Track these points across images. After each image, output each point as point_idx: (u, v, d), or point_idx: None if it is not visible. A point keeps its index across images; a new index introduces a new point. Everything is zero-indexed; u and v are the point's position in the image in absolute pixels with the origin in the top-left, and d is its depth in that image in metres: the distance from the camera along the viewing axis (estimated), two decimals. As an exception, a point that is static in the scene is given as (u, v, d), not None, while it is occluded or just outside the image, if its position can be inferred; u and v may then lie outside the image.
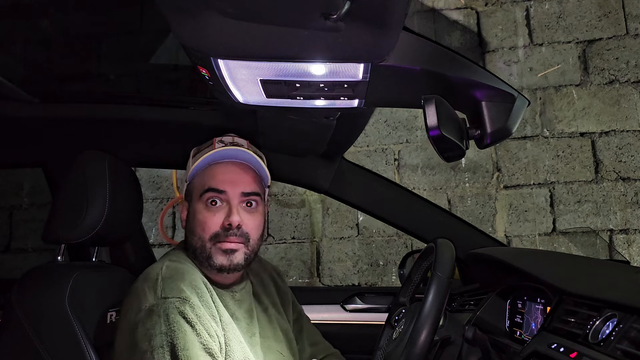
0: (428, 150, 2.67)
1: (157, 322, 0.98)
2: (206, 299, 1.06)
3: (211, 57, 0.85)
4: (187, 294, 1.03)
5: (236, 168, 1.19)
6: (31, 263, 2.51)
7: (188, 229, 1.20)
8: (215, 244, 1.14)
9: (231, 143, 1.22)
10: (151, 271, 1.09)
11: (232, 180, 1.17)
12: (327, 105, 1.08)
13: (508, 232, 2.59)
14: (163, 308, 0.99)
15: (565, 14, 2.67)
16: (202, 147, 1.23)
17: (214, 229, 1.14)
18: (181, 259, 1.15)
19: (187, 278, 1.06)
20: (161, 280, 1.04)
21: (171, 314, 0.99)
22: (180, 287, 1.03)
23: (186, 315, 0.99)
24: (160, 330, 0.97)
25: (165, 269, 1.07)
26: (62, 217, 1.19)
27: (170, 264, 1.10)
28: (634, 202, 2.50)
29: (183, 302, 1.01)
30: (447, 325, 1.12)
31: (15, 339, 1.09)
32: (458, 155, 0.96)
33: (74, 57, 2.49)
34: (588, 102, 2.60)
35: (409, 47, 0.89)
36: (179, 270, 1.08)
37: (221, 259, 1.14)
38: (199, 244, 1.15)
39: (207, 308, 1.05)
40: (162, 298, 1.01)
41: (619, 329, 0.80)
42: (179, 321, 0.98)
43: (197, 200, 1.17)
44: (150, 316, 0.99)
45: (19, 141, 1.54)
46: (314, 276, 2.70)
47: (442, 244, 1.11)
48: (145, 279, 1.07)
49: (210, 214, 1.15)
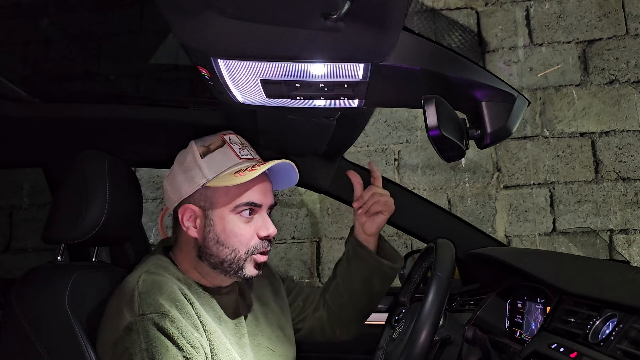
0: (428, 150, 2.67)
1: (137, 340, 0.95)
2: (187, 311, 1.02)
3: (211, 57, 0.85)
4: (166, 307, 0.99)
5: (264, 179, 1.17)
6: (31, 263, 2.51)
7: (211, 239, 1.12)
8: (251, 255, 1.13)
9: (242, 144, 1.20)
10: (127, 286, 1.04)
11: (264, 193, 1.16)
12: (327, 105, 1.08)
13: (508, 232, 2.59)
14: (141, 325, 0.96)
15: (565, 14, 2.67)
16: (212, 147, 1.15)
17: (252, 241, 1.13)
18: (160, 269, 1.10)
19: (165, 291, 1.02)
20: (137, 295, 1.00)
21: (150, 331, 0.95)
22: (159, 301, 0.99)
23: (166, 330, 0.96)
24: (140, 348, 0.94)
25: (141, 283, 1.03)
26: (61, 217, 1.19)
27: (146, 277, 1.05)
28: (634, 202, 2.50)
29: (162, 317, 0.97)
30: (447, 325, 1.12)
31: (15, 339, 1.09)
32: (458, 155, 0.96)
33: (74, 57, 2.49)
34: (588, 102, 2.60)
35: (409, 47, 0.89)
36: (156, 283, 1.04)
37: (252, 271, 1.13)
38: (232, 256, 1.11)
39: (188, 319, 1.01)
40: (140, 315, 0.97)
41: (619, 329, 0.80)
42: (159, 337, 0.95)
43: (228, 211, 1.12)
44: (129, 334, 0.96)
45: (19, 141, 1.54)
46: (314, 276, 2.70)
47: (442, 244, 1.11)
48: (121, 295, 1.03)
49: (246, 225, 1.12)
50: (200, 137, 1.22)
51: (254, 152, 1.21)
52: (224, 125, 1.33)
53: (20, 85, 1.32)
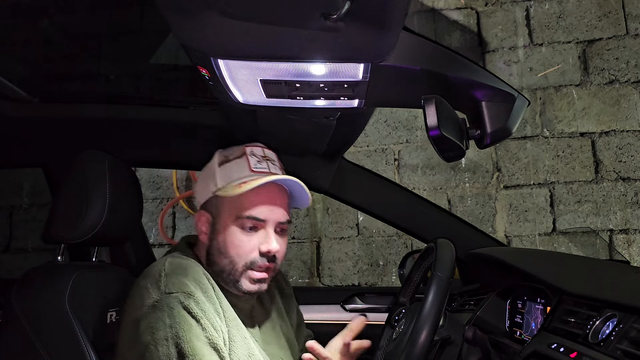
0: (428, 150, 2.67)
1: (161, 317, 0.97)
2: (210, 294, 1.05)
3: (211, 57, 0.85)
4: (191, 288, 1.01)
5: (274, 195, 1.15)
6: (31, 263, 2.51)
7: (216, 246, 1.15)
8: (247, 270, 1.12)
9: (264, 157, 1.19)
10: (153, 268, 1.07)
11: (271, 208, 1.14)
12: (327, 105, 1.08)
13: (508, 232, 2.59)
14: (167, 303, 0.98)
15: (565, 14, 2.67)
16: (231, 157, 1.18)
17: (251, 254, 1.12)
18: (184, 256, 1.13)
19: (190, 273, 1.05)
20: (164, 276, 1.02)
21: (175, 308, 0.98)
22: (184, 282, 1.02)
23: (191, 309, 0.98)
24: (164, 324, 0.96)
25: (167, 264, 1.06)
26: (62, 217, 1.19)
27: (172, 260, 1.08)
28: (634, 202, 2.50)
29: (187, 296, 1.00)
30: (447, 325, 1.12)
31: (15, 339, 1.09)
32: (458, 155, 0.96)
33: (74, 57, 2.49)
34: (588, 102, 2.60)
35: (409, 47, 0.89)
36: (182, 265, 1.07)
37: (250, 287, 1.13)
38: (229, 267, 1.12)
39: (211, 303, 1.04)
40: (166, 294, 0.99)
41: (619, 329, 0.80)
42: (184, 315, 0.97)
43: (230, 220, 1.13)
44: (153, 311, 0.98)
45: (19, 141, 1.54)
46: (314, 276, 2.70)
47: (442, 244, 1.11)
48: (147, 276, 1.05)
49: (246, 238, 1.12)
50: (200, 137, 1.22)
51: (274, 167, 1.20)
52: (224, 125, 1.33)
53: (20, 85, 1.32)
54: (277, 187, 1.17)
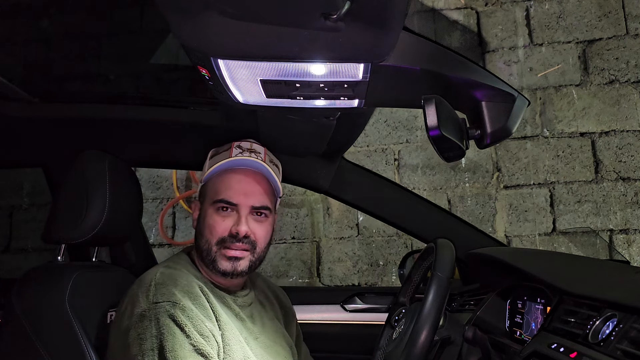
0: (428, 150, 2.67)
1: (149, 327, 1.00)
2: (200, 302, 1.07)
3: (211, 57, 0.85)
4: (178, 297, 1.04)
5: (250, 179, 1.19)
6: (31, 263, 2.51)
7: (198, 230, 1.21)
8: (220, 249, 1.16)
9: (249, 149, 1.21)
10: (146, 277, 1.10)
11: (244, 193, 1.18)
12: (327, 105, 1.08)
13: (508, 232, 2.59)
14: (154, 312, 1.01)
15: (565, 14, 2.67)
16: (220, 150, 1.24)
17: (221, 234, 1.16)
18: (179, 265, 1.15)
19: (179, 282, 1.08)
20: (154, 286, 1.05)
21: (161, 318, 1.00)
22: (172, 291, 1.05)
23: (176, 318, 1.00)
24: (150, 334, 0.99)
25: (159, 275, 1.08)
26: (62, 217, 1.19)
27: (165, 270, 1.11)
28: (634, 202, 2.50)
29: (173, 305, 1.02)
30: (447, 325, 1.12)
31: (15, 339, 1.09)
32: (458, 155, 0.96)
33: (74, 57, 2.49)
34: (588, 102, 2.60)
35: (409, 47, 0.89)
36: (173, 276, 1.09)
37: (225, 265, 1.15)
38: (206, 247, 1.17)
39: (201, 310, 1.06)
40: (153, 303, 1.02)
41: (619, 329, 0.80)
42: (169, 324, 1.00)
43: (208, 204, 1.19)
44: (142, 321, 1.01)
45: (19, 141, 1.54)
46: (314, 276, 2.70)
47: (442, 244, 1.11)
48: (140, 284, 1.08)
49: (219, 218, 1.17)
50: (200, 137, 1.23)
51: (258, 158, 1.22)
52: (224, 125, 1.34)
53: (20, 85, 1.33)
54: (254, 173, 1.20)
